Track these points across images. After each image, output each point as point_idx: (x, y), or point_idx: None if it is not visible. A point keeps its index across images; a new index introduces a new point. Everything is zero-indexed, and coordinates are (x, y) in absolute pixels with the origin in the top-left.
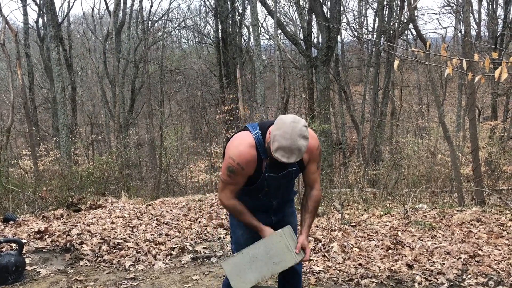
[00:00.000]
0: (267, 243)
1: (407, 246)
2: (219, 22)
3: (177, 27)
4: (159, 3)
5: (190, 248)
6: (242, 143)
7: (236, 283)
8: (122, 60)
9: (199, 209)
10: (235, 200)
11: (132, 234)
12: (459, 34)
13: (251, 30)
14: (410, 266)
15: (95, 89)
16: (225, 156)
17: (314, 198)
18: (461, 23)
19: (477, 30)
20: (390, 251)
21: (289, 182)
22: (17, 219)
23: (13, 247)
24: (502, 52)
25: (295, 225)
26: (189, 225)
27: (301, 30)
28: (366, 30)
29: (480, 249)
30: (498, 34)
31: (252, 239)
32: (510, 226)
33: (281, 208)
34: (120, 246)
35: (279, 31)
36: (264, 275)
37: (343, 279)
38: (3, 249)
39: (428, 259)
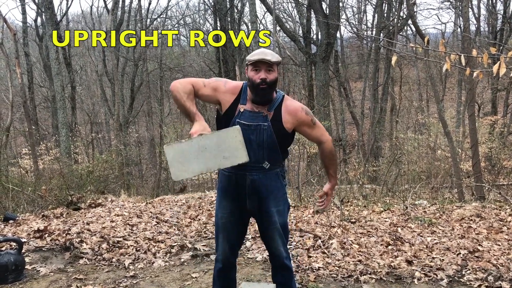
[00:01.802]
0: (221, 135)
1: (407, 242)
2: (218, 19)
3: (176, 25)
4: (158, 0)
5: (189, 245)
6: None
7: (176, 170)
8: (121, 58)
9: (199, 207)
10: (192, 87)
11: (132, 232)
12: (459, 29)
13: (250, 27)
14: (409, 262)
15: (95, 87)
16: None
17: (324, 151)
18: (461, 18)
19: (476, 25)
20: (390, 247)
21: (260, 143)
22: (17, 218)
23: (13, 246)
24: (501, 47)
25: (282, 222)
26: (188, 222)
27: (300, 27)
28: (365, 26)
29: (479, 245)
30: (498, 29)
31: (229, 224)
32: (510, 221)
33: (257, 192)
34: (119, 245)
35: (278, 28)
36: (210, 167)
37: (342, 276)
38: (3, 248)
39: (428, 255)
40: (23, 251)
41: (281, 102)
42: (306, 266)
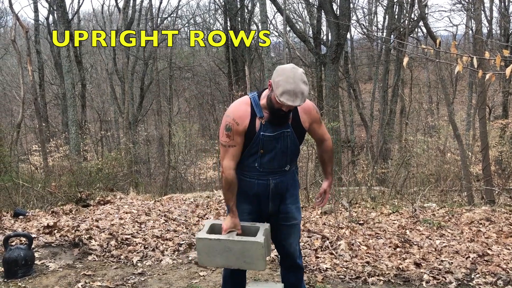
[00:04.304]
0: (246, 245)
1: (415, 245)
2: (228, 19)
3: (186, 24)
4: (168, 0)
5: None
6: (237, 102)
7: (203, 258)
8: (131, 57)
9: (207, 206)
10: (234, 172)
11: (140, 230)
12: (470, 31)
13: (260, 27)
14: (418, 265)
15: (105, 85)
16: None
17: (326, 148)
18: (472, 20)
19: (488, 28)
20: (398, 249)
21: (284, 150)
22: (27, 214)
23: (23, 241)
24: None
25: (299, 221)
26: (196, 221)
27: (310, 27)
28: (376, 28)
29: (489, 249)
30: (510, 32)
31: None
32: None
33: (279, 194)
34: (128, 242)
35: (288, 28)
36: (231, 265)
37: (350, 277)
38: (13, 243)
39: (436, 258)
40: (32, 246)
41: None
42: (313, 267)
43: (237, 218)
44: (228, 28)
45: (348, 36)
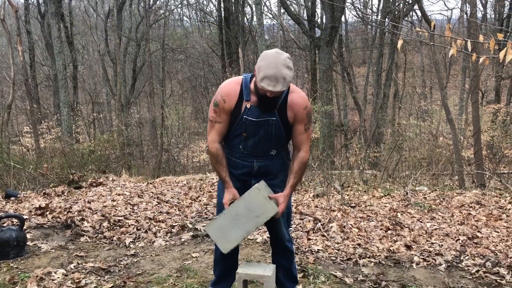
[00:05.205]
0: (246, 199)
1: (406, 227)
2: (221, 0)
3: (179, 5)
4: None
5: (190, 226)
6: (230, 80)
7: (222, 244)
8: (123, 38)
9: (200, 188)
10: (219, 145)
11: (133, 212)
12: (465, 15)
13: (254, 9)
14: (408, 247)
15: (97, 67)
16: None
17: (300, 159)
18: (467, 4)
19: (483, 12)
20: (389, 232)
21: (268, 137)
22: (19, 195)
23: (15, 222)
24: (508, 34)
25: (289, 206)
26: (189, 203)
27: (305, 10)
28: (370, 11)
29: (478, 231)
30: (505, 16)
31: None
32: (509, 209)
33: (263, 174)
34: (120, 223)
35: (282, 11)
36: (248, 230)
37: (341, 259)
38: (5, 224)
39: (427, 240)
40: (24, 227)
41: (287, 94)
42: (305, 248)
43: (232, 187)
44: (222, 9)
45: (343, 19)
